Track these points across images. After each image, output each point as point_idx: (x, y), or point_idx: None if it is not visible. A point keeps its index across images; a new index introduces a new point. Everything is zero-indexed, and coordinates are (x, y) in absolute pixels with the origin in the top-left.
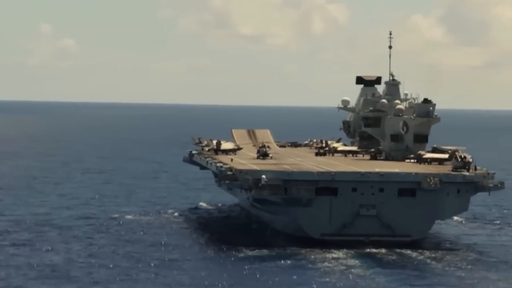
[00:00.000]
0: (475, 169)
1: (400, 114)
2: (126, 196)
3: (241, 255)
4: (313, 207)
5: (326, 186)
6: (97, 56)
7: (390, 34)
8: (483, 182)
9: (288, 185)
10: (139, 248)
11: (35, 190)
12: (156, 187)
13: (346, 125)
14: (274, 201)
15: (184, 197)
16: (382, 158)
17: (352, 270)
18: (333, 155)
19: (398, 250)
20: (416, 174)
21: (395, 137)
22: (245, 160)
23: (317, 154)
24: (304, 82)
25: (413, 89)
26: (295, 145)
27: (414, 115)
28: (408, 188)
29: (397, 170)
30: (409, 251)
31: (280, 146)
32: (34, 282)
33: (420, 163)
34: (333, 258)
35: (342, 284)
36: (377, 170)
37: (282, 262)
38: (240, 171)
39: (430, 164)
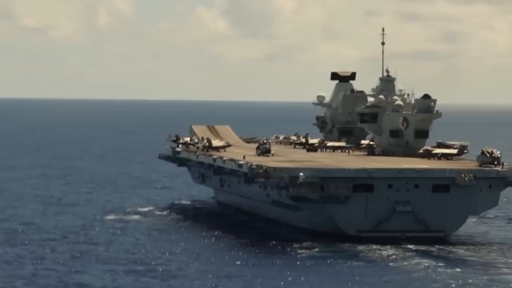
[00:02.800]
0: (502, 164)
1: (400, 110)
2: (95, 196)
3: (302, 253)
4: (349, 204)
5: (362, 183)
6: None
7: (383, 30)
8: None
9: (325, 183)
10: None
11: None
12: (119, 184)
13: (321, 121)
14: (312, 199)
15: (156, 194)
16: (378, 153)
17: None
18: (325, 151)
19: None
20: (451, 170)
21: (395, 133)
22: (251, 158)
23: (308, 150)
24: (86, 75)
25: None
26: (255, 140)
27: (415, 111)
28: (443, 184)
29: (425, 166)
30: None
31: (247, 142)
32: None
33: (429, 159)
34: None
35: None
36: (404, 166)
37: (350, 262)
38: (274, 169)
39: (440, 159)
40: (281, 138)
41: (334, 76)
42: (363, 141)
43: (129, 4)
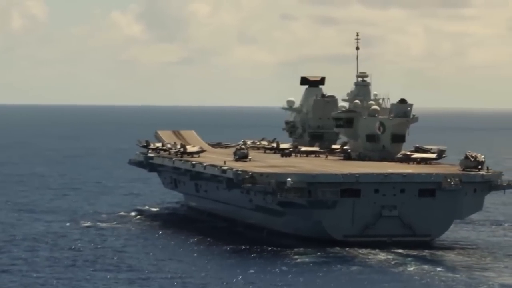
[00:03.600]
0: (488, 168)
1: (376, 115)
2: (63, 202)
3: (295, 260)
4: (336, 209)
5: (349, 187)
6: None
7: (357, 35)
8: (497, 181)
9: (313, 188)
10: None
11: None
12: (83, 190)
13: (290, 125)
14: (300, 204)
15: (123, 200)
16: (354, 158)
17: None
18: (300, 156)
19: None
20: (437, 174)
21: (371, 138)
22: (231, 163)
23: (282, 155)
24: None
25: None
26: (221, 145)
27: (392, 115)
28: (429, 188)
29: (410, 170)
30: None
31: (214, 147)
32: None
33: (408, 163)
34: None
35: None
36: (390, 171)
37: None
38: (261, 174)
39: (420, 163)
40: (249, 143)
41: (304, 81)
42: (334, 146)
43: (43, 8)
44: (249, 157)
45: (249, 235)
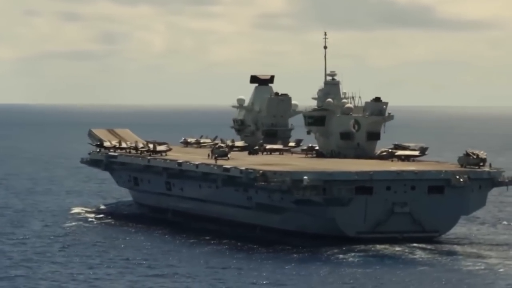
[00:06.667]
0: (490, 165)
1: (350, 113)
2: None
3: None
4: (350, 206)
5: (362, 185)
6: None
7: (325, 34)
8: (500, 178)
9: (328, 185)
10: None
11: None
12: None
13: (239, 123)
14: (315, 202)
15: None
16: (327, 155)
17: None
18: (266, 154)
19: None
20: (446, 171)
21: (346, 135)
22: (210, 161)
23: (250, 153)
24: None
25: None
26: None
27: (367, 113)
28: (438, 185)
29: (413, 168)
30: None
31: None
32: None
33: (391, 160)
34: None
35: None
36: (393, 168)
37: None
38: (274, 172)
39: (404, 161)
40: (192, 141)
41: (254, 79)
42: (290, 143)
43: None
44: (229, 155)
45: (244, 233)
